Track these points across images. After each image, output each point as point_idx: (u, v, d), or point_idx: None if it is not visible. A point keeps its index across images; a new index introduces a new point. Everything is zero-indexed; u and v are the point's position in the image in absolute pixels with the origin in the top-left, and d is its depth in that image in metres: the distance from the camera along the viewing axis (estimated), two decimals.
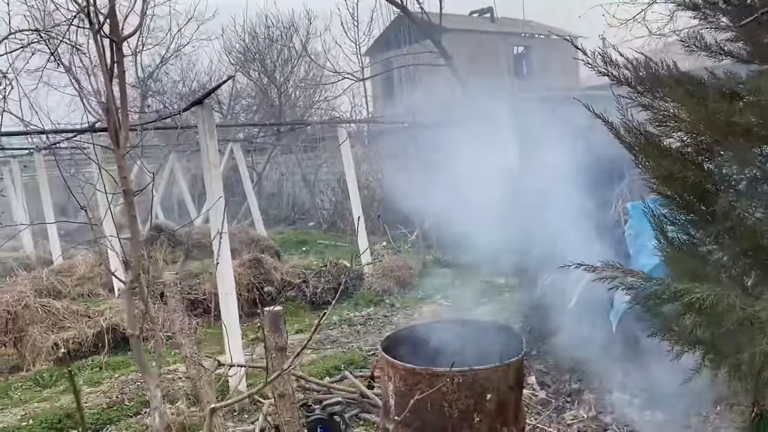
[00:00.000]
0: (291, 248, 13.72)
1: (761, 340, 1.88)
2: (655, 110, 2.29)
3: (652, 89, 2.26)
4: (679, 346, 2.44)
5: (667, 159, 2.30)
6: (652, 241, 4.95)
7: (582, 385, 5.51)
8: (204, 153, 5.79)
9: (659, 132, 2.35)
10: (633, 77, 2.30)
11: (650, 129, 2.39)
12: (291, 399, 3.19)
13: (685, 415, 4.65)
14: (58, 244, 11.98)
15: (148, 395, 5.41)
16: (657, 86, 2.24)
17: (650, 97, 2.29)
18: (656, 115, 2.30)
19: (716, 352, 2.27)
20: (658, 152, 2.33)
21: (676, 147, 2.37)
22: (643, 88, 2.28)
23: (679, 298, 2.02)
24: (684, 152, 2.33)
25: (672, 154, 2.32)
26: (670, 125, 2.26)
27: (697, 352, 2.46)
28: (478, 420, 3.06)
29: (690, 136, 2.25)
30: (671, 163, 2.29)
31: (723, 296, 1.93)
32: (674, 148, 2.37)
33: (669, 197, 2.45)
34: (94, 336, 7.34)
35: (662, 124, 2.29)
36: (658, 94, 2.27)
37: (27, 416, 5.51)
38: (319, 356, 6.70)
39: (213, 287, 8.44)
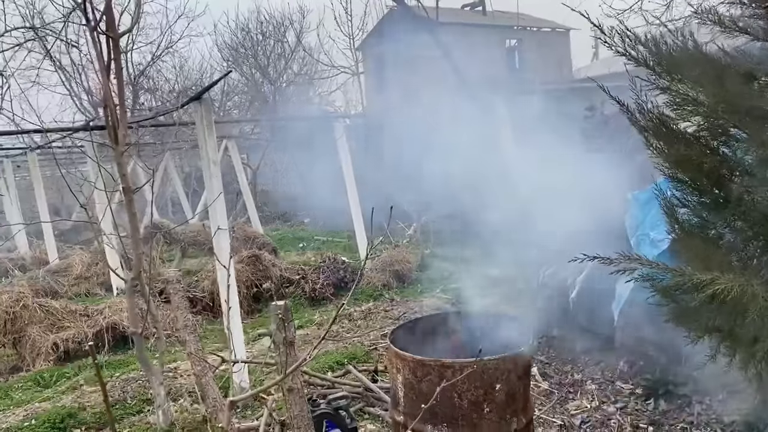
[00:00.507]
0: (288, 245, 13.70)
1: None
2: (673, 93, 2.27)
3: (670, 70, 2.24)
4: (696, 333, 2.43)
5: (683, 143, 2.29)
6: (654, 231, 4.98)
7: (584, 376, 5.53)
8: (203, 149, 5.76)
9: (676, 115, 2.33)
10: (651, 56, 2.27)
11: (667, 112, 2.37)
12: (300, 393, 3.18)
13: (688, 404, 4.68)
14: (54, 244, 11.91)
15: (150, 393, 5.41)
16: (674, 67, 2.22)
17: (668, 78, 2.28)
18: (674, 98, 2.28)
19: (733, 340, 2.27)
20: (673, 136, 2.32)
21: (692, 131, 2.36)
22: (661, 69, 2.26)
23: (702, 290, 2.01)
24: (699, 136, 2.32)
25: (688, 138, 2.32)
26: (689, 109, 2.24)
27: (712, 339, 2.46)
28: (488, 410, 3.06)
29: (707, 119, 2.24)
30: (686, 147, 2.28)
31: (747, 286, 1.92)
32: (690, 131, 2.36)
33: (682, 181, 2.44)
34: (94, 335, 7.30)
35: (680, 107, 2.28)
36: (675, 76, 2.25)
37: (29, 416, 5.48)
38: (321, 351, 6.69)
39: (212, 284, 8.42)
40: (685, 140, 2.30)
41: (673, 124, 2.36)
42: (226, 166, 15.98)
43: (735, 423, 4.29)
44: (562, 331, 6.26)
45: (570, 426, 4.66)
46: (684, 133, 2.36)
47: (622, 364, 5.48)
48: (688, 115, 2.26)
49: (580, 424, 4.66)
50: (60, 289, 9.77)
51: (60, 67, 4.94)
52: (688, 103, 2.23)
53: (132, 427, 5.15)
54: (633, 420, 4.64)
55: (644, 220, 5.08)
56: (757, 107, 2.02)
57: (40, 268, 10.71)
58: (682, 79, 2.23)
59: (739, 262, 2.34)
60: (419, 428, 3.10)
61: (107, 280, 10.20)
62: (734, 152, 2.34)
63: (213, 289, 8.36)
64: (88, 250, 11.66)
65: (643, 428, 4.52)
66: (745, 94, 2.05)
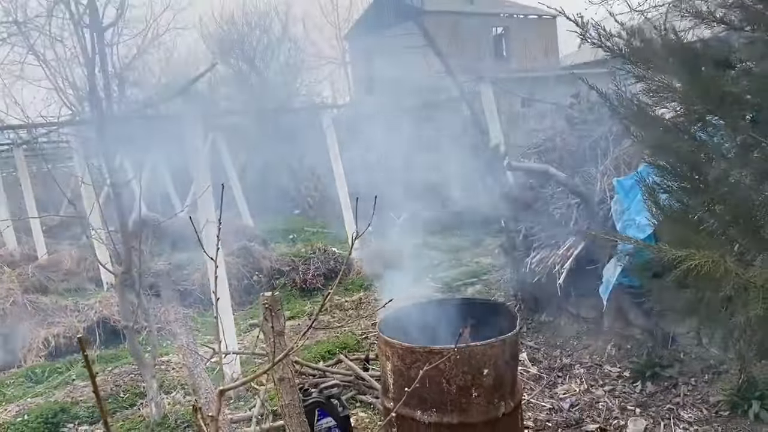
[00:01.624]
0: (278, 237, 13.69)
1: (756, 304, 1.93)
2: (648, 81, 2.32)
3: (646, 60, 2.29)
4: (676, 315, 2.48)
5: (660, 129, 2.34)
6: (639, 216, 5.04)
7: (573, 360, 5.60)
8: (189, 142, 5.76)
9: (653, 102, 2.38)
10: (626, 48, 2.32)
11: (644, 99, 2.42)
12: (291, 382, 3.22)
13: (674, 385, 4.76)
14: (43, 240, 11.84)
15: (143, 386, 5.43)
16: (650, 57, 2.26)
17: (644, 68, 2.32)
18: (650, 86, 2.32)
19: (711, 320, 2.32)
20: (651, 122, 2.36)
21: (670, 117, 2.40)
22: (637, 59, 2.31)
23: (678, 265, 2.06)
24: (677, 122, 2.37)
25: (665, 124, 2.36)
26: (664, 95, 2.28)
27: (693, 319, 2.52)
28: (476, 395, 3.11)
29: (683, 105, 2.28)
30: (664, 133, 2.32)
31: (719, 262, 1.97)
32: (667, 118, 2.40)
33: (661, 167, 2.48)
34: (85, 330, 7.30)
35: (656, 94, 2.32)
36: (651, 65, 2.29)
37: (21, 412, 5.49)
38: (313, 341, 6.73)
39: (202, 277, 8.43)
40: (663, 126, 2.34)
41: (651, 110, 2.40)
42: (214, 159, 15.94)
43: (720, 403, 4.37)
44: (551, 317, 6.33)
45: (559, 409, 4.73)
46: (661, 119, 2.40)
47: (610, 347, 5.56)
48: (664, 101, 2.30)
49: (569, 407, 4.73)
50: (50, 284, 9.73)
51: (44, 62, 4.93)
52: (663, 90, 2.28)
53: (125, 420, 5.18)
54: (621, 402, 4.72)
55: (630, 205, 5.13)
56: (730, 93, 2.06)
57: (29, 264, 10.65)
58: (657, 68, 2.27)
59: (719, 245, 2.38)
60: (409, 414, 3.16)
61: (97, 275, 10.17)
62: (711, 137, 2.38)
63: (204, 282, 8.37)
64: (77, 246, 11.61)
65: (630, 410, 4.60)
66: (720, 80, 2.09)
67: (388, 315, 3.73)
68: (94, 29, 4.72)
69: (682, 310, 2.44)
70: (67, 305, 7.83)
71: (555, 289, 5.72)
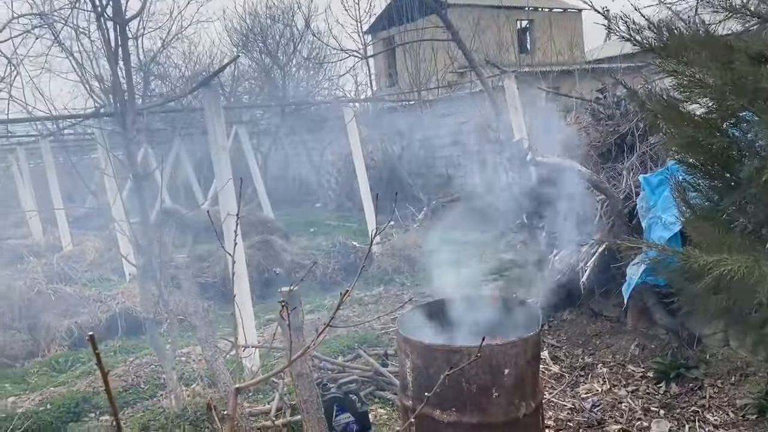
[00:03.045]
0: (299, 230, 13.70)
1: None
2: (679, 75, 2.24)
3: (677, 54, 2.20)
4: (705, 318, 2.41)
5: (691, 125, 2.26)
6: (666, 214, 4.93)
7: (595, 359, 5.52)
8: (211, 135, 5.76)
9: (684, 98, 2.30)
10: (657, 42, 2.24)
11: (674, 94, 2.34)
12: (309, 378, 3.19)
13: (700, 387, 4.66)
14: (68, 230, 12.00)
15: (163, 378, 5.47)
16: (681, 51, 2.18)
17: (674, 62, 2.24)
18: (681, 81, 2.24)
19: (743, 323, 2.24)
20: (681, 118, 2.28)
21: (701, 113, 2.32)
22: (667, 53, 2.23)
23: (708, 272, 1.98)
24: (708, 118, 2.28)
25: (696, 121, 2.28)
26: (696, 91, 2.20)
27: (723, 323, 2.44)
28: (497, 395, 3.06)
29: (716, 101, 2.20)
30: (695, 129, 2.24)
31: (753, 267, 1.89)
32: (699, 114, 2.32)
33: (691, 164, 2.40)
34: (107, 320, 7.38)
35: (687, 89, 2.24)
36: (682, 59, 2.21)
37: (44, 401, 5.56)
38: (331, 336, 6.71)
39: (223, 269, 8.47)
40: (693, 122, 2.26)
41: (681, 106, 2.32)
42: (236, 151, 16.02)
43: (748, 406, 4.26)
44: (573, 315, 6.24)
45: (580, 409, 4.66)
46: (692, 115, 2.32)
47: (633, 347, 5.46)
48: (695, 96, 2.22)
49: (590, 407, 4.66)
50: (74, 274, 9.86)
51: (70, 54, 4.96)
52: (695, 85, 2.19)
53: (145, 411, 5.21)
54: (644, 403, 4.63)
55: (656, 203, 5.03)
56: (765, 89, 1.98)
57: (54, 255, 10.81)
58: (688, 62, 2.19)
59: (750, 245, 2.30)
60: (427, 412, 3.11)
61: (120, 266, 10.27)
62: (744, 134, 2.30)
63: (224, 275, 8.41)
64: (101, 236, 11.75)
65: (654, 411, 4.51)
66: (754, 75, 2.01)
67: (407, 312, 3.69)
68: (117, 21, 4.74)
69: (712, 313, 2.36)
70: (90, 295, 7.93)
71: (578, 286, 5.63)
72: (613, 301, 5.79)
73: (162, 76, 17.12)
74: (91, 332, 1.12)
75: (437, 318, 3.76)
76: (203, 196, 17.03)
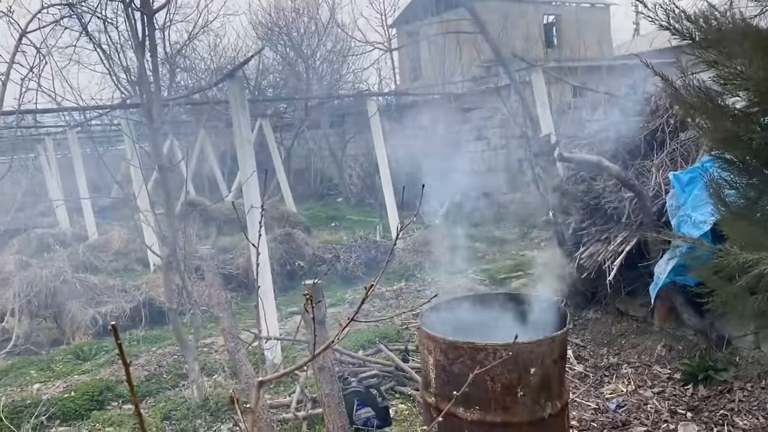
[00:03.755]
0: (320, 224, 13.74)
1: None
2: (720, 67, 2.15)
3: (718, 45, 2.12)
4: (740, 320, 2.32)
5: (730, 119, 2.17)
6: (696, 212, 4.82)
7: (620, 359, 5.42)
8: (236, 128, 5.76)
9: (723, 90, 2.21)
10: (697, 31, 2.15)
11: (714, 87, 2.25)
12: (331, 371, 3.17)
13: (729, 390, 4.55)
14: (93, 220, 12.17)
15: (185, 368, 5.50)
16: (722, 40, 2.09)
17: (715, 52, 2.15)
18: (721, 72, 2.16)
19: None
20: (720, 112, 2.20)
21: (742, 106, 2.23)
22: (708, 42, 2.14)
23: (747, 270, 1.90)
24: (749, 112, 2.19)
25: (735, 114, 2.19)
26: (736, 83, 2.12)
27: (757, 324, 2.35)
28: (522, 394, 3.00)
29: (757, 94, 2.11)
30: (734, 123, 2.15)
31: None
32: (739, 107, 2.23)
33: (729, 161, 2.32)
34: (131, 310, 7.45)
35: (728, 82, 2.15)
36: (723, 50, 2.12)
37: (69, 388, 5.62)
38: (353, 330, 6.69)
39: (246, 262, 8.50)
40: (733, 117, 2.17)
41: (720, 99, 2.23)
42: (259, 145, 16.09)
43: None
44: (598, 314, 6.14)
45: (605, 409, 4.58)
46: (732, 108, 2.23)
47: (660, 347, 5.35)
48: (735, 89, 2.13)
49: (615, 407, 4.57)
50: (99, 264, 10.00)
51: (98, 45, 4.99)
52: (736, 77, 2.10)
53: (167, 400, 5.24)
54: (671, 405, 4.53)
55: (686, 201, 4.91)
56: None
57: (80, 244, 10.96)
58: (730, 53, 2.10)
59: None
60: (451, 410, 3.07)
61: (145, 257, 10.39)
62: None
63: (247, 267, 8.44)
64: (126, 227, 11.89)
65: (681, 414, 4.41)
66: None
67: (429, 308, 3.65)
68: (144, 12, 4.74)
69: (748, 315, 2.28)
70: (114, 285, 8.02)
71: (604, 285, 5.53)
72: (639, 301, 5.68)
73: (188, 69, 17.23)
74: (113, 322, 1.09)
75: (459, 314, 3.71)
76: (227, 189, 17.16)
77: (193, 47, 17.49)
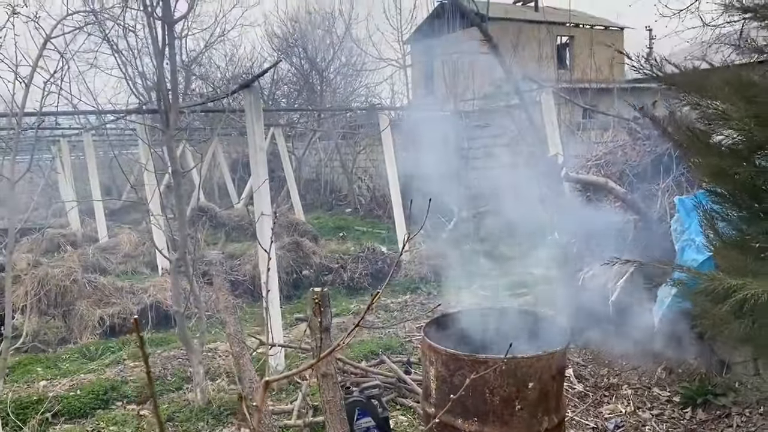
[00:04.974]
0: (328, 233, 13.81)
1: None
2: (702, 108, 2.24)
3: (699, 89, 2.21)
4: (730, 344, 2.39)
5: (717, 156, 2.25)
6: (700, 237, 4.87)
7: (620, 380, 5.45)
8: (251, 136, 5.88)
9: (707, 129, 2.30)
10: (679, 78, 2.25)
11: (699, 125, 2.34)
12: (334, 379, 3.24)
13: (727, 415, 4.57)
14: (104, 223, 12.30)
15: (190, 371, 5.57)
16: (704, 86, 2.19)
17: (697, 96, 2.24)
18: (704, 113, 2.25)
19: None
20: (707, 149, 2.28)
21: (727, 143, 2.31)
22: (690, 87, 2.24)
23: (732, 295, 1.97)
24: (735, 149, 2.28)
25: (722, 151, 2.27)
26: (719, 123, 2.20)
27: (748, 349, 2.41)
28: (520, 408, 3.06)
29: (742, 132, 2.20)
30: (721, 159, 2.24)
31: None
32: (725, 144, 2.31)
33: (720, 194, 2.40)
34: (138, 312, 7.55)
35: (711, 121, 2.24)
36: (705, 93, 2.21)
37: (75, 387, 5.71)
38: (356, 340, 6.76)
39: (253, 268, 8.59)
40: (720, 153, 2.26)
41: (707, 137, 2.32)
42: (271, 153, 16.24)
43: None
44: (600, 334, 6.17)
45: (603, 429, 4.62)
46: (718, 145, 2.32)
47: (660, 370, 5.39)
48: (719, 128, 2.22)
49: (613, 428, 4.61)
50: (108, 266, 10.11)
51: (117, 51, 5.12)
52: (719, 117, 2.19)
53: (171, 403, 5.32)
54: (669, 428, 4.57)
55: (690, 225, 4.97)
56: None
57: (90, 245, 11.09)
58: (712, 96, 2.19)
59: None
60: (450, 421, 3.13)
61: (153, 260, 10.50)
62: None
63: (255, 273, 8.53)
64: (136, 230, 12.02)
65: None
66: None
67: (433, 320, 3.72)
68: (165, 21, 4.87)
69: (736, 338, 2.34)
70: (123, 287, 8.11)
71: (607, 305, 5.58)
72: (641, 322, 5.71)
73: (204, 77, 17.45)
74: (135, 316, 1.18)
75: (463, 328, 3.78)
76: (237, 196, 17.31)
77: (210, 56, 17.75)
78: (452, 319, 3.82)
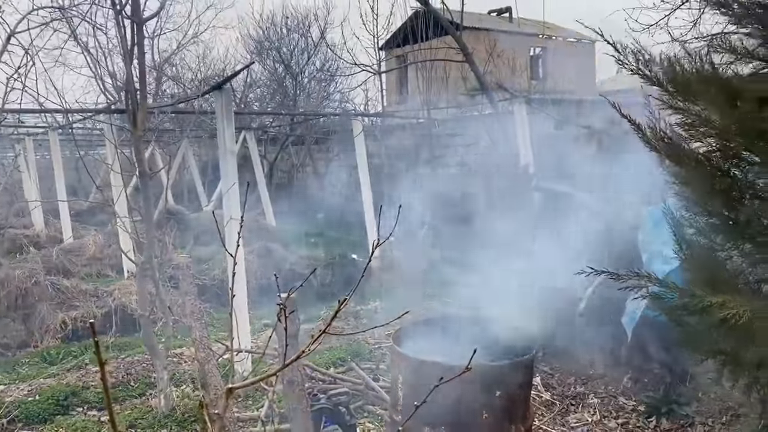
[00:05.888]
0: (299, 239, 13.71)
1: None
2: (686, 113, 2.26)
3: (684, 90, 2.23)
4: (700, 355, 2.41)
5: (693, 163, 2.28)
6: (667, 248, 4.94)
7: (587, 389, 5.50)
8: (221, 138, 5.80)
9: (689, 135, 2.32)
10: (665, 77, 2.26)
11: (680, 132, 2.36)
12: (300, 386, 3.19)
13: (690, 424, 4.64)
14: (70, 224, 12.04)
15: (154, 377, 5.46)
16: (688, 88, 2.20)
17: (682, 99, 2.26)
18: (687, 118, 2.27)
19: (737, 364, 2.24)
20: (684, 155, 2.30)
21: (704, 151, 2.34)
22: (675, 88, 2.25)
23: (710, 313, 1.98)
24: (710, 157, 2.31)
25: (698, 158, 2.30)
26: (701, 130, 2.23)
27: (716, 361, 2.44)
28: (486, 416, 3.05)
29: (719, 141, 2.23)
30: (696, 166, 2.26)
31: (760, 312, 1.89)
32: (701, 152, 2.34)
33: (691, 201, 2.42)
34: (102, 316, 7.39)
35: (693, 127, 2.26)
36: (690, 96, 2.23)
37: (33, 391, 5.55)
38: (325, 347, 6.70)
39: (222, 273, 8.48)
40: (696, 160, 2.28)
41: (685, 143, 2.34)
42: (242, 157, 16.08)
43: None
44: (568, 344, 6.22)
45: None
46: (695, 152, 2.34)
47: (627, 379, 5.45)
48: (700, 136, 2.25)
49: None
50: (72, 268, 9.87)
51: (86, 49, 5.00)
52: (701, 124, 2.21)
53: (133, 409, 5.20)
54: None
55: (658, 236, 5.04)
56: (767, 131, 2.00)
57: (55, 247, 10.83)
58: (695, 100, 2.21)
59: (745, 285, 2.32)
60: (417, 428, 3.11)
61: (119, 263, 10.30)
62: (745, 175, 2.31)
63: (223, 278, 8.42)
64: (102, 232, 11.78)
65: None
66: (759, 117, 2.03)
67: (402, 327, 3.69)
68: (134, 20, 4.79)
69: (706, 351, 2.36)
70: (87, 290, 7.94)
71: (574, 315, 5.62)
72: (609, 332, 5.77)
73: (175, 78, 17.23)
74: (92, 320, 1.14)
75: (433, 335, 3.76)
76: (206, 199, 17.10)
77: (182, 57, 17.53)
78: (421, 326, 3.81)
